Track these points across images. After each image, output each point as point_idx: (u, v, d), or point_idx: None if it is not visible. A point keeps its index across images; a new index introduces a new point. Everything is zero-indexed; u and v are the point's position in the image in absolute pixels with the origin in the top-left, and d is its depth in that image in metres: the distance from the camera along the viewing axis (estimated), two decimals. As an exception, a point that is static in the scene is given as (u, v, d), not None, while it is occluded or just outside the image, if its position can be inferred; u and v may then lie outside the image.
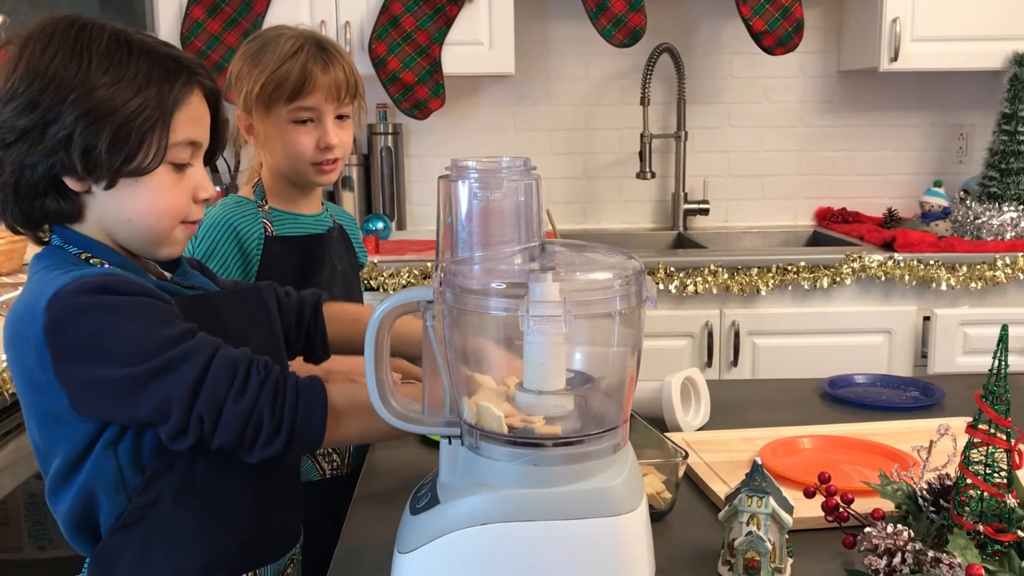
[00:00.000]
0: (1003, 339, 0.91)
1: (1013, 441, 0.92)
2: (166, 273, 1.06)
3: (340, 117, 1.40)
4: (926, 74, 2.96)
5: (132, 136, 0.93)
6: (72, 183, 0.95)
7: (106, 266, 0.97)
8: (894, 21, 2.70)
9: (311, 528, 1.18)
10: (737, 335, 2.52)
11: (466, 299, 0.82)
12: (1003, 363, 0.91)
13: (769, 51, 2.75)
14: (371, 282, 2.46)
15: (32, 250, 1.03)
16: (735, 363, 2.53)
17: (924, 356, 2.53)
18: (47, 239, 1.00)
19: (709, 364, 2.52)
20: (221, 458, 0.98)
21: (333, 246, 1.48)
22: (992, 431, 0.92)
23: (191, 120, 0.98)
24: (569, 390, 0.86)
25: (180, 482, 0.98)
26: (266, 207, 1.46)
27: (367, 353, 0.88)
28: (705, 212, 3.09)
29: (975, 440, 0.93)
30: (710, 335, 2.52)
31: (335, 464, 1.43)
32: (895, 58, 2.72)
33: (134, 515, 0.98)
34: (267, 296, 1.12)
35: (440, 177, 0.86)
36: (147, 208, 0.97)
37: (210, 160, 1.06)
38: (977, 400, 0.93)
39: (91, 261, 0.97)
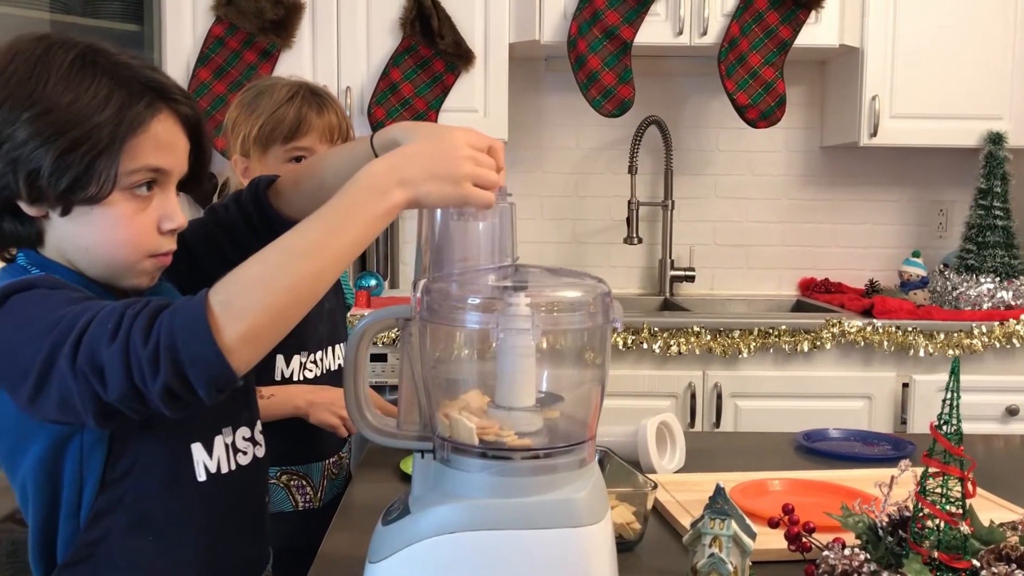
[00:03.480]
0: (954, 371, 0.96)
1: (966, 470, 0.96)
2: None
3: None
4: (906, 150, 3.06)
5: (78, 162, 0.86)
6: (26, 207, 0.89)
7: (36, 271, 0.92)
8: (873, 99, 2.81)
9: (281, 559, 1.19)
10: (720, 397, 2.55)
11: (442, 315, 0.87)
12: (955, 394, 0.96)
13: (752, 124, 2.85)
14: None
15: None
16: (718, 424, 2.56)
17: (904, 422, 2.56)
18: (13, 259, 0.96)
19: (692, 424, 2.55)
20: (171, 492, 0.96)
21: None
22: (946, 460, 0.96)
23: (154, 146, 0.91)
24: (538, 408, 0.89)
25: (129, 518, 0.94)
26: None
27: (346, 367, 0.92)
28: (691, 279, 3.15)
29: (931, 469, 0.97)
30: (693, 396, 2.55)
31: (308, 497, 1.45)
32: (874, 133, 2.82)
33: (81, 552, 0.94)
34: None
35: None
36: (104, 238, 0.91)
37: (192, 190, 1.01)
38: (931, 430, 0.97)
39: None
